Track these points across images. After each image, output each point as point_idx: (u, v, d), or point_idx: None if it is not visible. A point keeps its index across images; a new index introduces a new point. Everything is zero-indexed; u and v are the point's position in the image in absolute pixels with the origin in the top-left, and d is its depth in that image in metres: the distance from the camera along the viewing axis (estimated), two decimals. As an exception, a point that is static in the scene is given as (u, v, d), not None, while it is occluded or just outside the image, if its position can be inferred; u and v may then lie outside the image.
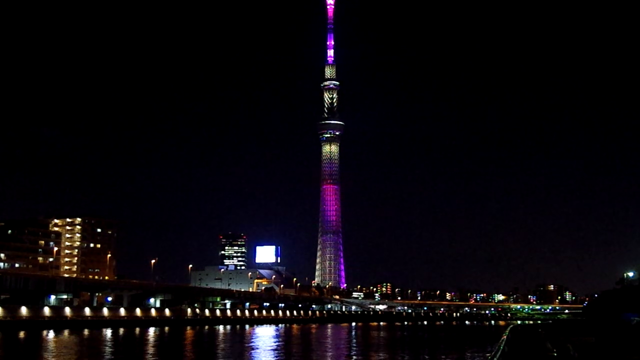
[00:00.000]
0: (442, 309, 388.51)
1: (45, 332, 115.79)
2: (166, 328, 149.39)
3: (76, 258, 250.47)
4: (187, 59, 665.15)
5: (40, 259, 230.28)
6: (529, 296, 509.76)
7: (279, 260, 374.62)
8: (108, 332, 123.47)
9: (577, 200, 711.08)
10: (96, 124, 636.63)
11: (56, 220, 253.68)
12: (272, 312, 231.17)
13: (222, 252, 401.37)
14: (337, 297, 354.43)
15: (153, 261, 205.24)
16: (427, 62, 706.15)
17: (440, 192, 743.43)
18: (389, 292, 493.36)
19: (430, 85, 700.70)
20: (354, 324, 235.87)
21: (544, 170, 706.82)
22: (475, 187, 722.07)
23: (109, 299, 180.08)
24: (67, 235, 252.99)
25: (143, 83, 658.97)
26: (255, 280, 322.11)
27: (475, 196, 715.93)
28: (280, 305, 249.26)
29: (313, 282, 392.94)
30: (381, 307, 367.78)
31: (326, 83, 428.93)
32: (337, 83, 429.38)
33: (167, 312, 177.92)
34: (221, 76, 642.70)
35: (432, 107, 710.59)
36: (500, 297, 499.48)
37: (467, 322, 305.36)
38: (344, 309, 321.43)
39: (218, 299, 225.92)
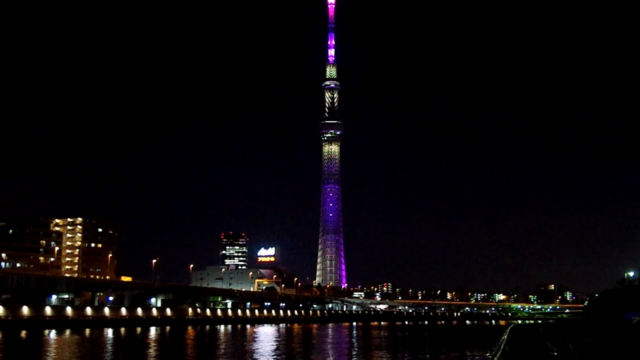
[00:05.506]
0: (442, 309, 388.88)
1: (46, 332, 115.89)
2: (167, 328, 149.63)
3: (77, 258, 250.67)
4: (187, 59, 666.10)
5: (41, 258, 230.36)
6: (530, 296, 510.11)
7: (279, 260, 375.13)
8: (109, 332, 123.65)
9: (578, 201, 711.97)
10: (96, 123, 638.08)
11: (57, 220, 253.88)
12: (273, 311, 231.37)
13: (223, 251, 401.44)
14: (338, 296, 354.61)
15: (154, 261, 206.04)
16: (428, 62, 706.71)
17: (441, 192, 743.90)
18: (389, 291, 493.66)
19: (431, 86, 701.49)
20: (354, 323, 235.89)
21: (545, 170, 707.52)
22: (476, 187, 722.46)
23: (110, 298, 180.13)
24: (69, 235, 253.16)
25: (143, 83, 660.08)
26: (256, 280, 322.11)
27: (476, 196, 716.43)
28: (281, 304, 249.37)
29: (314, 281, 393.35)
30: (382, 306, 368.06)
31: (327, 83, 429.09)
32: (338, 83, 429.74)
33: (168, 311, 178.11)
34: (221, 76, 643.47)
35: (433, 107, 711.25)
36: (501, 296, 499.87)
37: (467, 321, 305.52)
38: (344, 309, 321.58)
39: (219, 299, 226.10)
